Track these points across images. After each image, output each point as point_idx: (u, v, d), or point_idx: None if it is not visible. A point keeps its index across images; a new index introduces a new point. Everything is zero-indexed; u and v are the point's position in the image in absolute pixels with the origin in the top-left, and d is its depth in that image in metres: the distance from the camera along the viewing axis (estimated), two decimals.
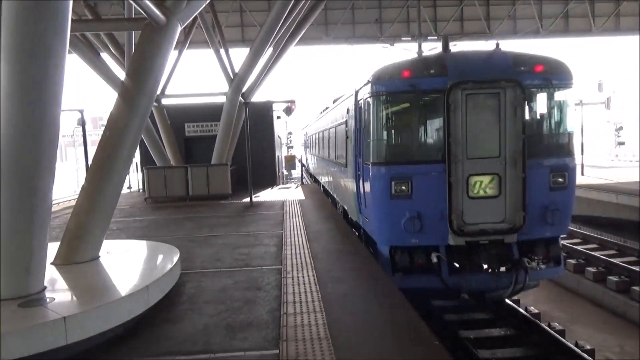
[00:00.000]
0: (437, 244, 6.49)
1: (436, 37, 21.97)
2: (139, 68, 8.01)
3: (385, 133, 6.31)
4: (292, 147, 48.12)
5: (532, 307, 9.89)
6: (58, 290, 6.05)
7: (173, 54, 19.28)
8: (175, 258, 7.35)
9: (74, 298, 5.97)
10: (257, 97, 21.29)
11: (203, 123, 21.90)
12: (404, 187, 6.06)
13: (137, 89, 7.83)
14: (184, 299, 6.68)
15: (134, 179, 25.70)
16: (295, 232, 10.69)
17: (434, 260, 6.39)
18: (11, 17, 5.25)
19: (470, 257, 6.54)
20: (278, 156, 25.01)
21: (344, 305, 6.13)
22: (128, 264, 7.21)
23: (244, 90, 19.02)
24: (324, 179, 16.30)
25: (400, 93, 6.29)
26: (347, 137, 8.85)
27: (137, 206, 16.97)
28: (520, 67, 6.33)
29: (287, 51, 19.84)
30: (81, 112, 16.56)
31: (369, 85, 6.69)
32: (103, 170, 7.48)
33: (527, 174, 6.23)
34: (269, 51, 19.09)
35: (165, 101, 19.82)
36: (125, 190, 27.69)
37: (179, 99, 20.84)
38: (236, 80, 18.19)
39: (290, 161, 28.95)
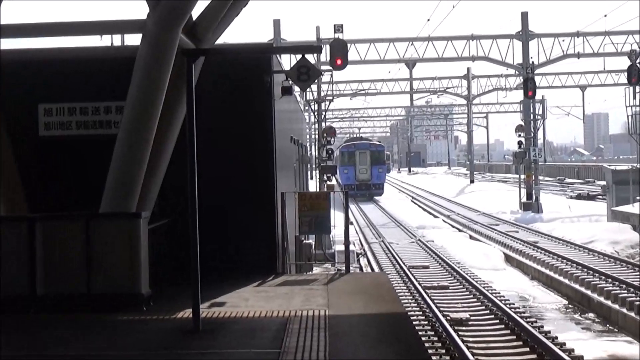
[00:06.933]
0: (353, 183, 78.65)
1: None
2: None
3: (344, 159, 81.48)
4: (333, 169, 35.05)
5: None
6: None
7: None
8: None
9: None
10: (236, 38, 14.84)
11: (87, 105, 14.85)
12: (345, 171, 79.18)
13: None
14: None
15: None
16: None
17: (353, 186, 75.53)
18: None
19: (360, 187, 78.34)
20: (282, 194, 16.32)
21: None
22: None
23: (193, 18, 12.86)
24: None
25: (346, 151, 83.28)
26: (340, 158, 79.51)
27: None
28: (370, 146, 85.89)
29: None
30: None
31: (339, 149, 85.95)
32: None
33: (372, 168, 79.85)
34: None
35: None
36: None
37: (22, 40, 14.98)
38: None
39: (320, 209, 17.14)
